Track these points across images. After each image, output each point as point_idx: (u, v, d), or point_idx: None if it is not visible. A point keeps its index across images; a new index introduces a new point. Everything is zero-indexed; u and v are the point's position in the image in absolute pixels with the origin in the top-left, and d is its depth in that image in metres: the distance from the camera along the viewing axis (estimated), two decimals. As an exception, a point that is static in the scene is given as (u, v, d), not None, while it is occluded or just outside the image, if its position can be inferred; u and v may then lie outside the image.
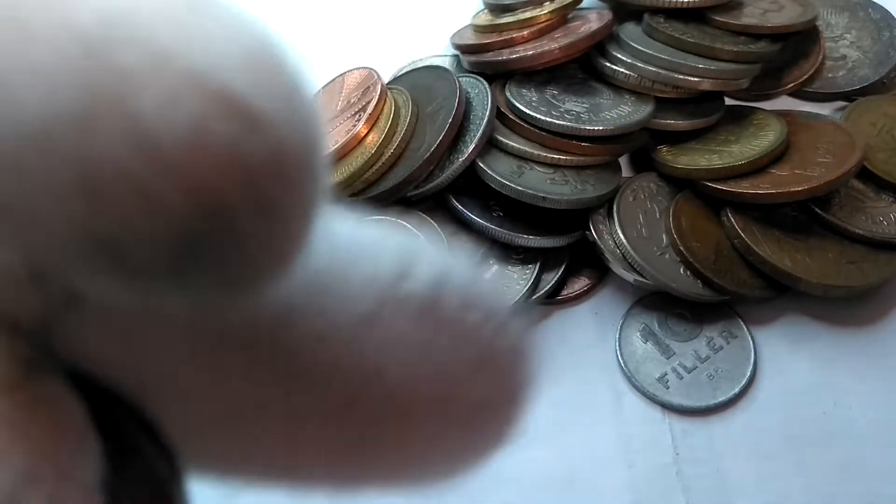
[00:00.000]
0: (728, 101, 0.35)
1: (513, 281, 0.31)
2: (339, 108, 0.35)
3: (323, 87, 0.36)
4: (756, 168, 0.31)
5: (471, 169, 0.32)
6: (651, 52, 0.33)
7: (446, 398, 0.11)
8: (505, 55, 0.34)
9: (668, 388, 0.29)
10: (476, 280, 0.11)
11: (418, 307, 0.11)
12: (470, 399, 0.11)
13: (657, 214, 0.32)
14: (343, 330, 0.10)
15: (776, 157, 0.32)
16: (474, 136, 0.32)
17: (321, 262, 0.10)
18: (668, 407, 0.29)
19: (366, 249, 0.11)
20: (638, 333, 0.31)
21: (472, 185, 0.32)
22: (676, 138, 0.34)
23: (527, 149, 0.32)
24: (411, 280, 0.11)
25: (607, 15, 0.35)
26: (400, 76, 0.37)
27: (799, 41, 0.37)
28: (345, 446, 0.11)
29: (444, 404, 0.11)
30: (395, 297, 0.10)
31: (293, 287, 0.10)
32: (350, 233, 0.11)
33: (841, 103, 0.37)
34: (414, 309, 0.11)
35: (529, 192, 0.31)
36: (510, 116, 0.33)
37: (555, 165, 0.32)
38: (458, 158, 0.31)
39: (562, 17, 0.35)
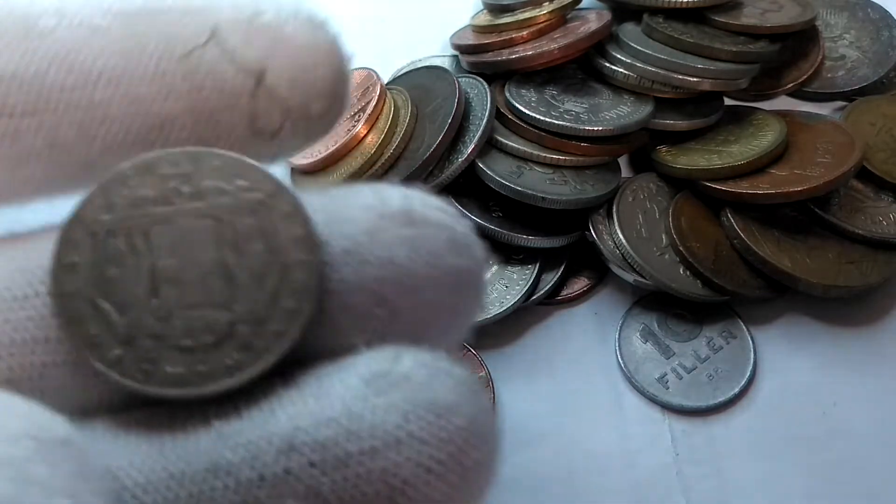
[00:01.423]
0: (727, 102, 0.35)
1: (512, 281, 0.31)
2: (338, 108, 0.35)
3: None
4: (755, 168, 0.31)
5: (470, 169, 0.32)
6: (650, 52, 0.33)
7: None
8: (504, 55, 0.34)
9: (667, 388, 0.29)
10: None
11: None
12: None
13: (657, 214, 0.32)
14: None
15: (775, 157, 0.32)
16: (473, 136, 0.32)
17: None
18: (667, 407, 0.29)
19: None
20: (638, 334, 0.31)
21: (471, 185, 0.32)
22: (676, 138, 0.34)
23: (526, 149, 0.32)
24: None
25: (606, 15, 0.35)
26: (399, 76, 0.37)
27: (798, 41, 0.37)
28: None
29: None
30: None
31: None
32: None
33: (840, 103, 0.37)
34: None
35: (529, 192, 0.31)
36: (509, 117, 0.33)
37: (554, 166, 0.32)
38: (457, 159, 0.31)
39: (561, 18, 0.35)
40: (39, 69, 0.14)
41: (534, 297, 0.31)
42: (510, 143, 0.32)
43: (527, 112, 0.32)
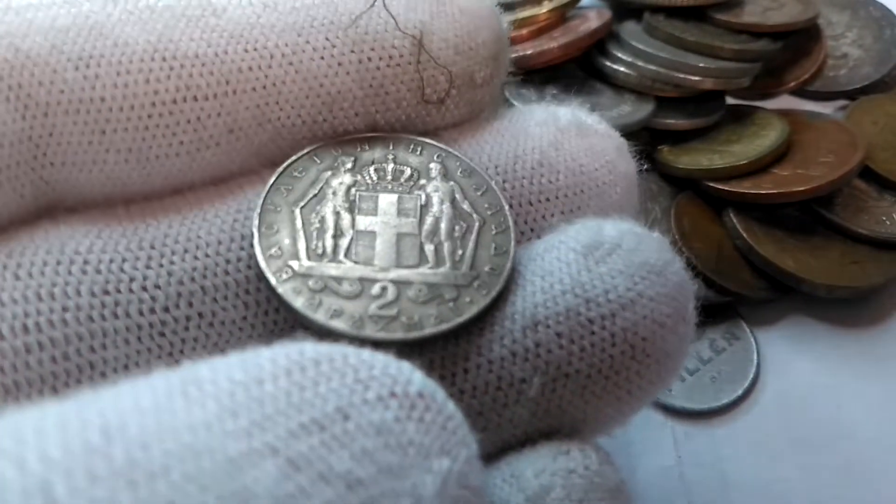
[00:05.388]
0: (729, 101, 0.35)
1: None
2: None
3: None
4: (758, 168, 0.31)
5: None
6: (651, 50, 0.33)
7: None
8: (504, 54, 0.34)
9: (670, 390, 0.29)
10: None
11: None
12: None
13: (658, 215, 0.32)
14: None
15: (778, 156, 0.32)
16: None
17: None
18: (670, 410, 0.29)
19: None
20: (639, 335, 0.30)
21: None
22: (677, 138, 0.33)
23: (526, 149, 0.32)
24: None
25: (607, 13, 0.34)
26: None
27: (800, 39, 0.37)
28: None
29: None
30: None
31: None
32: None
33: (842, 102, 0.37)
34: None
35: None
36: (509, 116, 0.32)
37: (555, 165, 0.32)
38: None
39: (561, 16, 0.35)
40: (219, 49, 0.14)
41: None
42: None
43: (527, 111, 0.32)
